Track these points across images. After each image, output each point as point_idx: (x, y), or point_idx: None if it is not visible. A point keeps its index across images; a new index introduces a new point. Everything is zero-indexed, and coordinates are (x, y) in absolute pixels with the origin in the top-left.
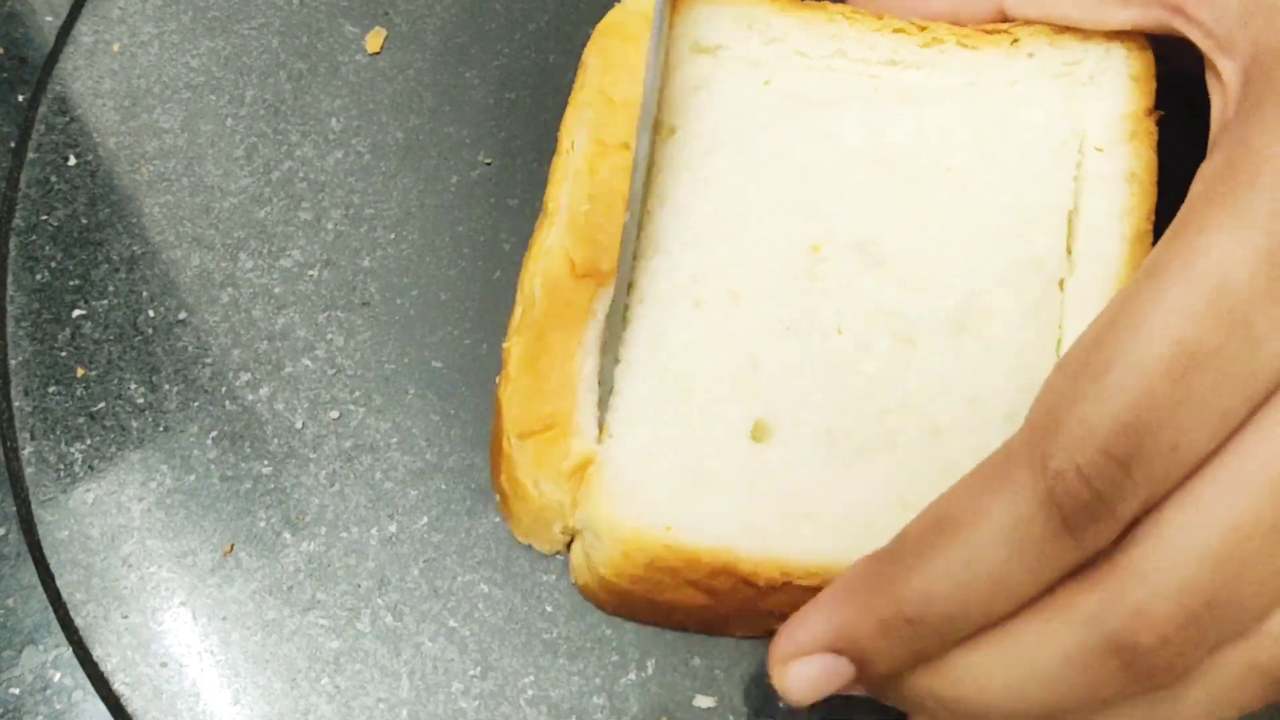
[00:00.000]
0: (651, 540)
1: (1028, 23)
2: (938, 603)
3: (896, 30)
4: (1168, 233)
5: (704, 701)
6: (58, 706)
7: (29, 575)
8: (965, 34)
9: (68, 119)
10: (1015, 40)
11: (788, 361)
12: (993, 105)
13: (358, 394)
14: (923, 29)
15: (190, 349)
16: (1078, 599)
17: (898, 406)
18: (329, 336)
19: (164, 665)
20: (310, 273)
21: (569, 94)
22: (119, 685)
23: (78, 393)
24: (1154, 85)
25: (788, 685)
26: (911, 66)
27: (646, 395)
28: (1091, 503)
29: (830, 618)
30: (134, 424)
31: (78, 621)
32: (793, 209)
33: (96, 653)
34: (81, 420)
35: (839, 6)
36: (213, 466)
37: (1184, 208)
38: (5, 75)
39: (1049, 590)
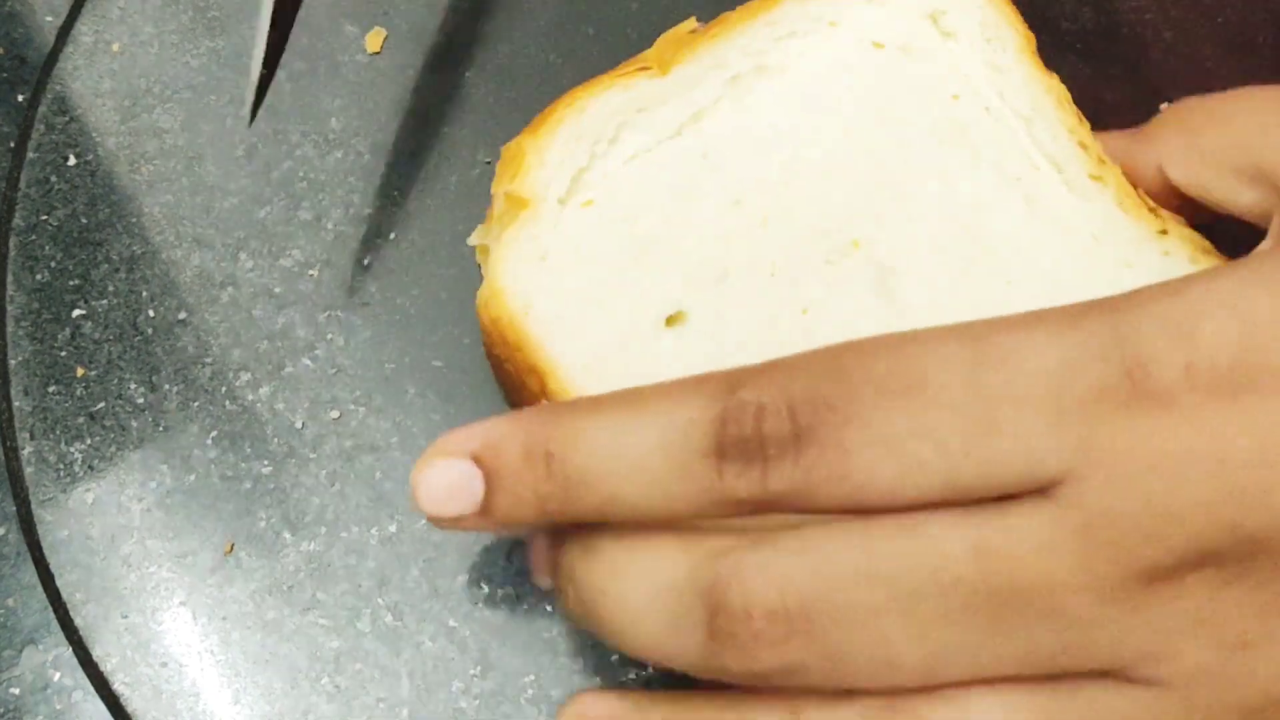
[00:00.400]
0: (510, 309)
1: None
2: (578, 453)
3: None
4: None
5: None
6: (58, 706)
7: (29, 575)
8: None
9: (68, 119)
10: None
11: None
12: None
13: (358, 394)
14: None
15: (190, 349)
16: (709, 538)
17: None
18: (329, 336)
19: (164, 665)
20: (310, 273)
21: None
22: (119, 685)
23: (78, 393)
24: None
25: (418, 483)
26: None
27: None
28: (748, 441)
29: (487, 429)
30: (134, 424)
31: (78, 621)
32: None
33: (96, 653)
34: (81, 420)
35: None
36: (213, 466)
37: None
38: (5, 75)
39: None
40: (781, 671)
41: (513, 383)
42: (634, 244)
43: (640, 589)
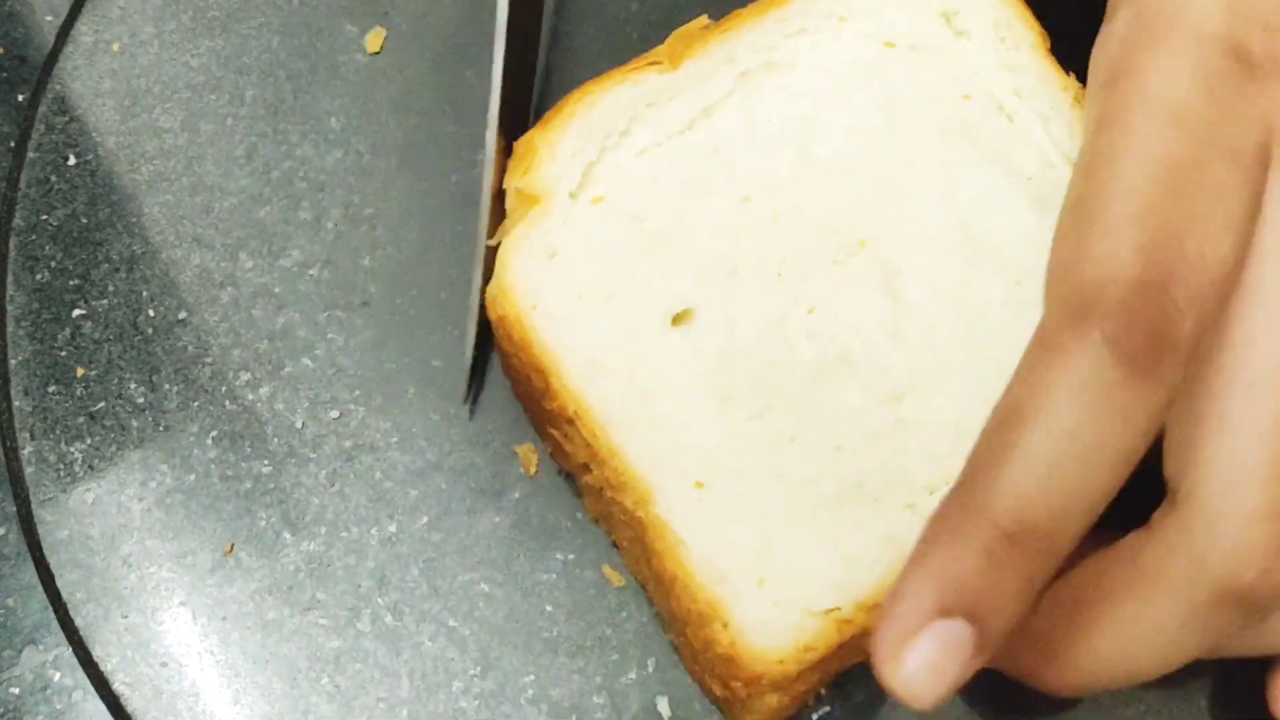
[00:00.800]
0: (517, 306)
1: None
2: (1035, 501)
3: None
4: (1099, 89)
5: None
6: (58, 706)
7: (29, 575)
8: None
9: (68, 119)
10: None
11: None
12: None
13: (358, 393)
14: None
15: (190, 349)
16: (1168, 564)
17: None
18: (329, 336)
19: (164, 665)
20: (310, 272)
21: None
22: (119, 685)
23: (78, 392)
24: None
25: (906, 681)
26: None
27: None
28: (1148, 334)
29: (928, 571)
30: (134, 424)
31: (78, 621)
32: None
33: (96, 653)
34: (81, 420)
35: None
36: (213, 466)
37: (1103, 68)
38: (5, 75)
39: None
40: None
41: (520, 378)
42: (643, 240)
43: (1161, 645)
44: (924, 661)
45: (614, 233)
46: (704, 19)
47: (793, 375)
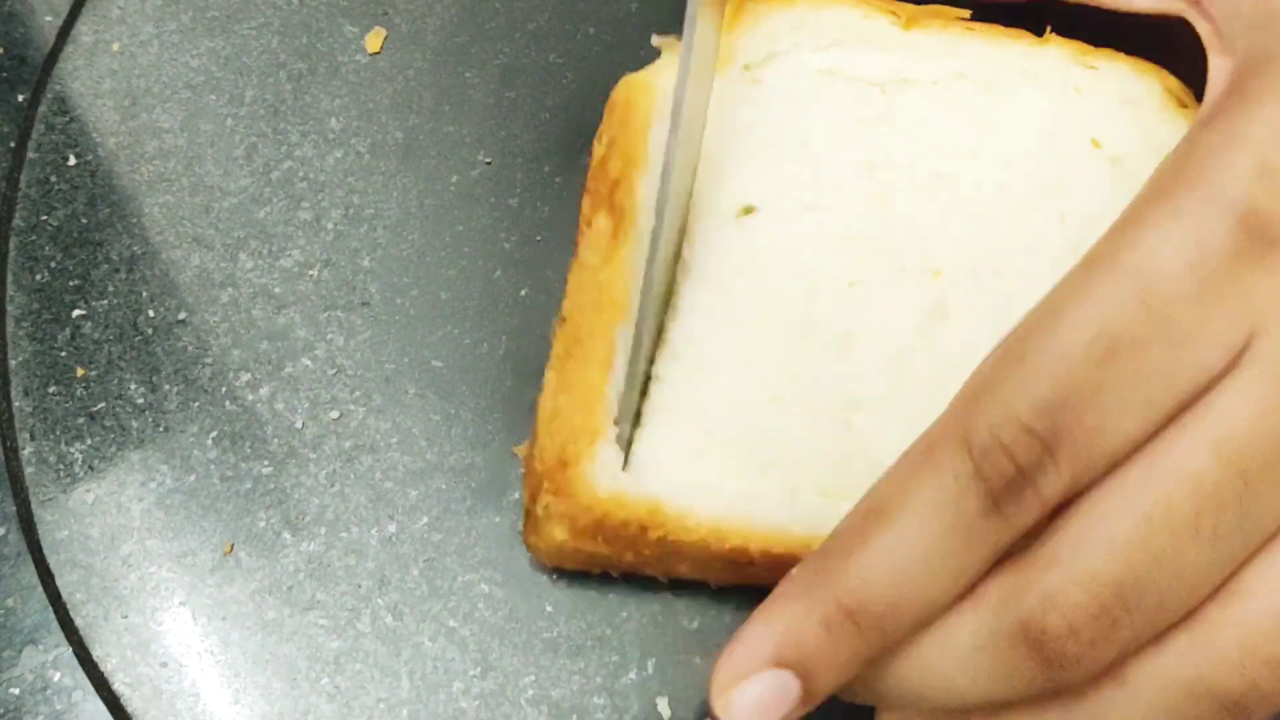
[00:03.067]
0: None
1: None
2: (876, 591)
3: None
4: (1111, 227)
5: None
6: (58, 706)
7: (29, 575)
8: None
9: (68, 119)
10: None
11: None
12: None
13: (358, 394)
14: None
15: (190, 349)
16: (992, 585)
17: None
18: (329, 336)
19: (164, 665)
20: (310, 273)
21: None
22: (119, 685)
23: (78, 393)
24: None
25: (733, 714)
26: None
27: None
28: (1015, 478)
29: (771, 626)
30: (134, 424)
31: (78, 621)
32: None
33: (96, 653)
34: (81, 420)
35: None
36: (213, 466)
37: (1131, 203)
38: (5, 75)
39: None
40: (1120, 654)
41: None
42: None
43: (955, 665)
44: (752, 700)
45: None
46: (966, 12)
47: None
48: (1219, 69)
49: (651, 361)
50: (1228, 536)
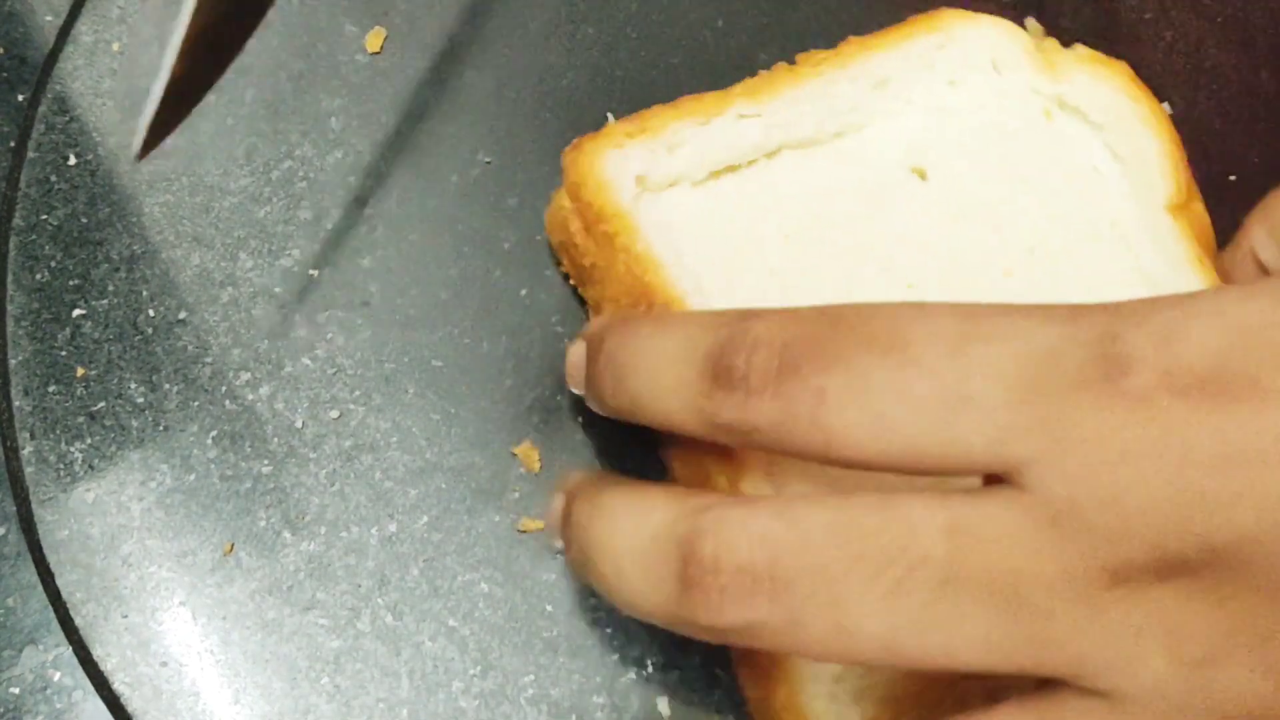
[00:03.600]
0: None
1: None
2: (622, 350)
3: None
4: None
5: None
6: (58, 706)
7: (29, 575)
8: None
9: (68, 118)
10: None
11: None
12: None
13: (358, 393)
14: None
15: (190, 348)
16: (699, 495)
17: None
18: (329, 336)
19: (164, 665)
20: (310, 272)
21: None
22: (119, 685)
23: (78, 392)
24: None
25: (569, 353)
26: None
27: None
28: (736, 369)
29: (595, 325)
30: (134, 423)
31: (78, 621)
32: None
33: (96, 652)
34: (81, 420)
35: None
36: (213, 466)
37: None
38: (5, 75)
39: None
40: (744, 628)
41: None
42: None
43: (629, 538)
44: (572, 351)
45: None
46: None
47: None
48: None
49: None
50: (901, 616)
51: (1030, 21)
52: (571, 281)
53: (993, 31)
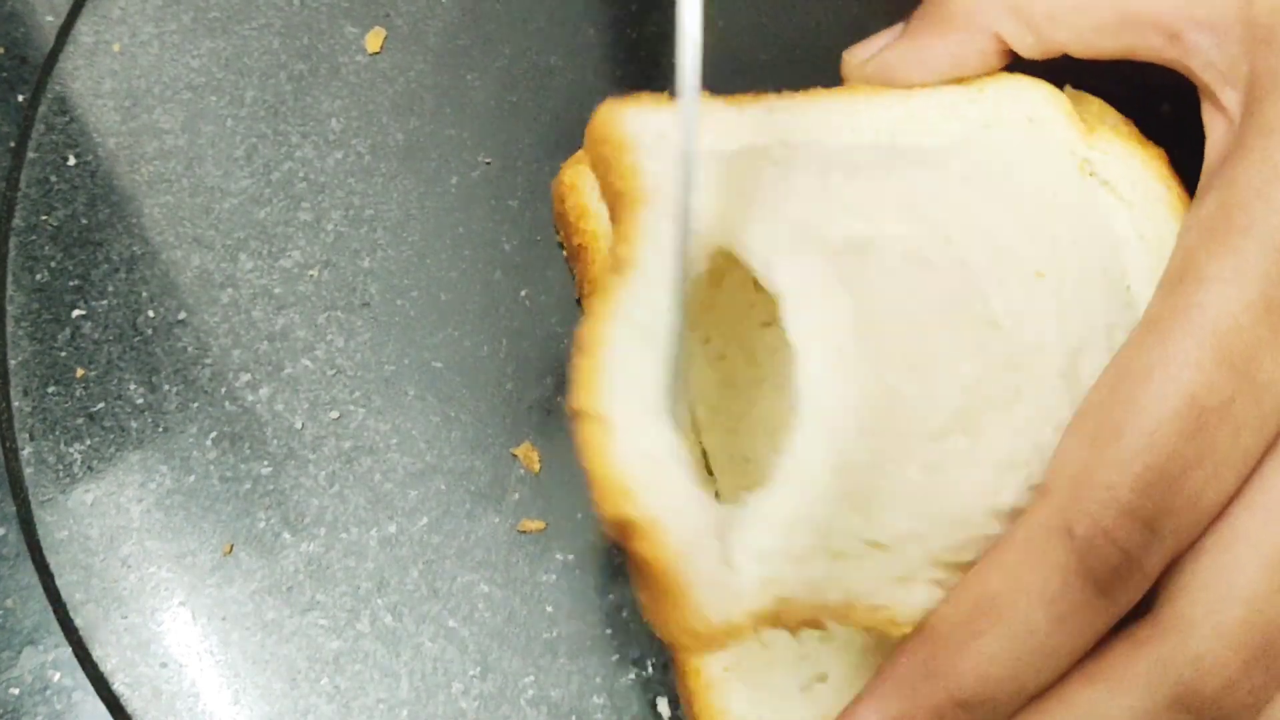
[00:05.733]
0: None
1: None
2: (990, 683)
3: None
4: (1165, 282)
5: None
6: (57, 706)
7: (29, 575)
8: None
9: (68, 119)
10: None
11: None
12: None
13: (357, 395)
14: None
15: (190, 349)
16: (1133, 660)
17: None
18: (329, 337)
19: (164, 665)
20: (310, 273)
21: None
22: (119, 685)
23: (77, 393)
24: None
25: None
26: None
27: None
28: (1122, 564)
29: (881, 712)
30: (133, 424)
31: (77, 621)
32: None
33: (96, 653)
34: (81, 421)
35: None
36: (212, 467)
37: (1179, 254)
38: (5, 75)
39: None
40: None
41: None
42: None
43: None
44: None
45: None
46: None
47: None
48: (1232, 101)
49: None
50: None
51: (1068, 88)
52: (565, 254)
53: (1031, 90)
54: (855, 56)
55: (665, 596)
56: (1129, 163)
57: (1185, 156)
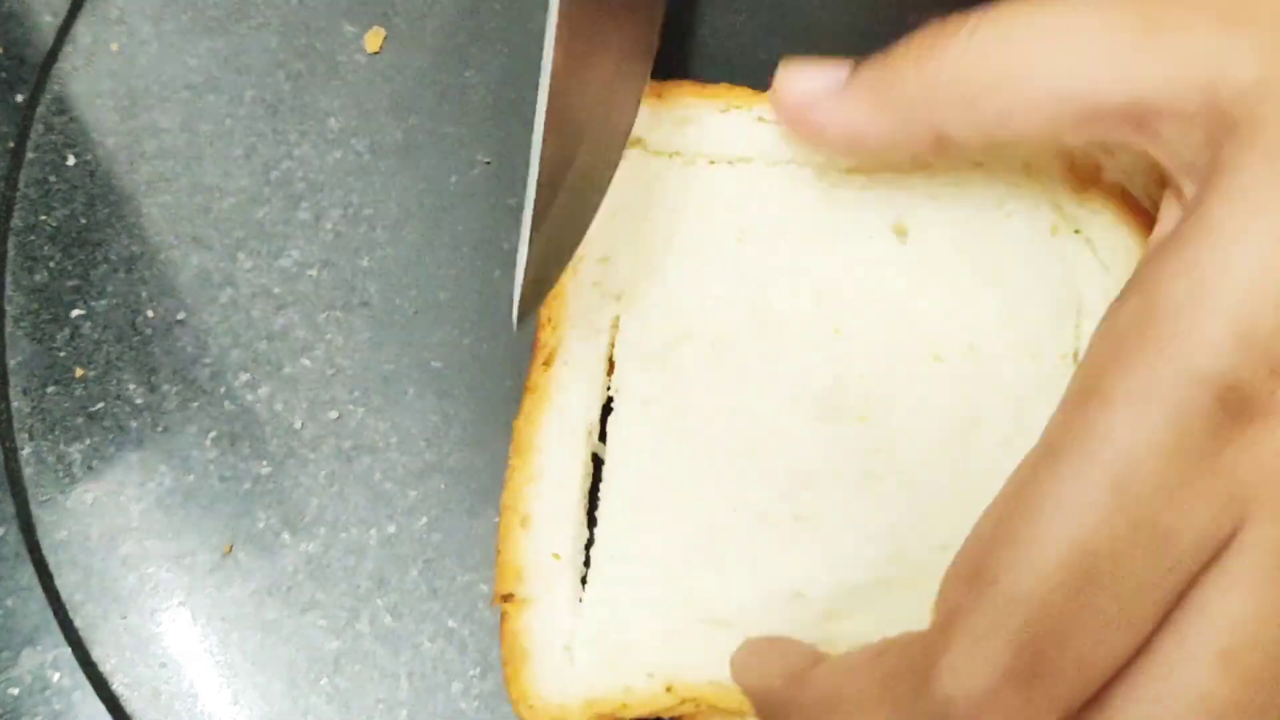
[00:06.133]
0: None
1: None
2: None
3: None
4: (1069, 398)
5: None
6: (57, 707)
7: (28, 575)
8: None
9: (67, 119)
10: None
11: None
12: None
13: (357, 394)
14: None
15: (189, 349)
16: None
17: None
18: (328, 336)
19: (163, 666)
20: (309, 273)
21: None
22: (118, 685)
23: (76, 393)
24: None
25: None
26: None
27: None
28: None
29: None
30: (133, 424)
31: (77, 622)
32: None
33: (96, 653)
34: (80, 420)
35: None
36: (212, 466)
37: (1088, 365)
38: (3, 75)
39: None
40: None
41: None
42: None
43: None
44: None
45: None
46: None
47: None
48: (1188, 191)
49: None
50: None
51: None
52: None
53: None
54: (788, 85)
55: (509, 667)
56: (1117, 229)
57: None
